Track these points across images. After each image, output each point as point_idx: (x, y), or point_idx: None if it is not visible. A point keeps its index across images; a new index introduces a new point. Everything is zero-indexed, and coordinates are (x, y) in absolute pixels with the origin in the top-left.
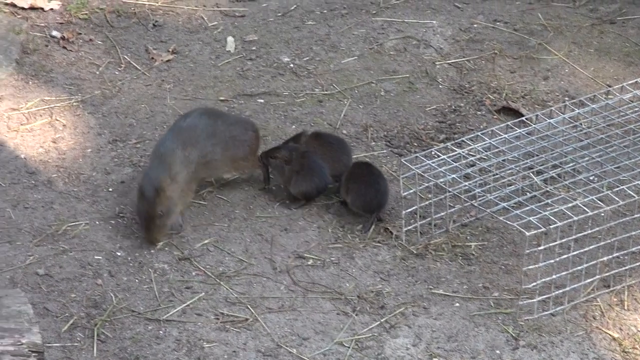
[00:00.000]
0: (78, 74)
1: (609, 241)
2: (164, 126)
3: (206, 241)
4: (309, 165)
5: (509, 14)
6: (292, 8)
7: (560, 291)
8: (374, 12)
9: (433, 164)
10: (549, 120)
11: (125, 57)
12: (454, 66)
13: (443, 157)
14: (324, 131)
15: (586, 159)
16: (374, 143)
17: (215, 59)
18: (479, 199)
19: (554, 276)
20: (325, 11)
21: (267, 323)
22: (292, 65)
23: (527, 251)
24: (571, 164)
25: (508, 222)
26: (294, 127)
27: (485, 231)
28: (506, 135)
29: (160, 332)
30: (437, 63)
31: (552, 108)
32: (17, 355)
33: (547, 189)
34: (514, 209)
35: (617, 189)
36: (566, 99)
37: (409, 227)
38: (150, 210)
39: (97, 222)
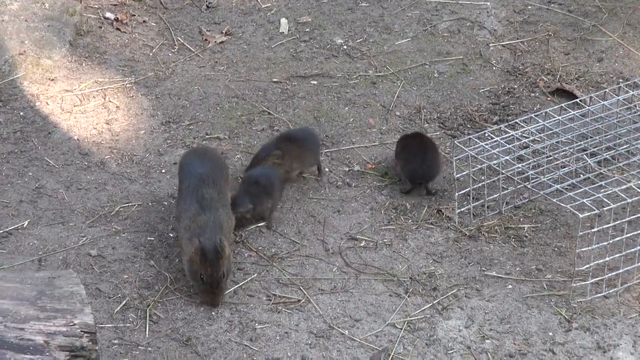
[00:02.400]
0: (131, 55)
1: None
2: (217, 108)
3: (259, 223)
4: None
5: None
6: None
7: (614, 273)
8: None
9: (486, 146)
10: (603, 102)
11: (179, 38)
12: (507, 48)
13: (496, 138)
14: (291, 130)
15: None
16: (427, 125)
17: (269, 40)
18: (532, 181)
19: (607, 258)
20: None
21: (319, 304)
22: (345, 46)
23: (581, 233)
24: (625, 146)
25: (561, 204)
26: (346, 108)
27: (539, 213)
28: (560, 117)
29: (213, 313)
30: (490, 45)
31: (606, 90)
32: (69, 336)
33: (601, 171)
34: (567, 191)
35: None
36: (620, 80)
37: (462, 209)
38: (215, 274)
39: (150, 204)
